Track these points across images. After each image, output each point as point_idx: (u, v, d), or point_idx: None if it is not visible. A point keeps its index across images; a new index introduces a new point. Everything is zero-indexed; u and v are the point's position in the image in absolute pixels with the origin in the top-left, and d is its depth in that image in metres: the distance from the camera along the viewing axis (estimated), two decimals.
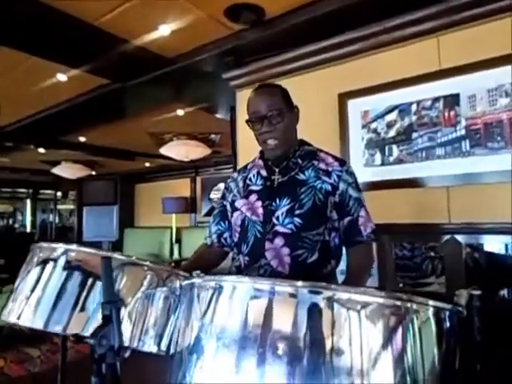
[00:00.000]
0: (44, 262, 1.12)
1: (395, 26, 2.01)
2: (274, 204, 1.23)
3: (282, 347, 0.65)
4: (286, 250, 1.20)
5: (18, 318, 1.03)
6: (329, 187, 1.23)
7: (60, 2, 1.97)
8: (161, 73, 2.79)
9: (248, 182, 1.34)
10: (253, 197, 1.30)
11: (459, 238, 1.87)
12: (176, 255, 6.57)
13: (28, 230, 9.67)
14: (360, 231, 1.25)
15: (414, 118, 2.01)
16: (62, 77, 2.89)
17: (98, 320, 1.00)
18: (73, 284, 1.04)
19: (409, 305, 0.68)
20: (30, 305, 1.03)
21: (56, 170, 6.46)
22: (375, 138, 2.13)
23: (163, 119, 4.01)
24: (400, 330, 0.67)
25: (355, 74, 2.18)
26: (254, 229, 1.26)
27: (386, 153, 2.09)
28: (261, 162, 1.35)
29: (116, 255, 1.11)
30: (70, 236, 8.46)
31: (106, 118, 3.98)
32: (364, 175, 2.14)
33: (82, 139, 4.97)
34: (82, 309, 0.99)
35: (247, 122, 1.28)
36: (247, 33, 2.31)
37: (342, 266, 1.30)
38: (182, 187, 6.98)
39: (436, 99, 1.94)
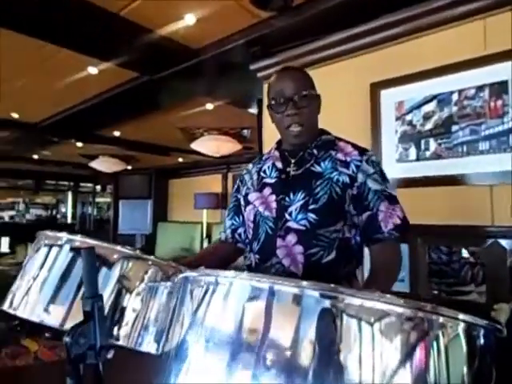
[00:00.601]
0: (50, 247, 1.09)
1: (436, 8, 1.83)
2: (287, 199, 1.14)
3: (275, 358, 0.56)
4: (299, 248, 1.09)
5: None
6: (346, 179, 1.12)
7: None
8: (188, 65, 2.75)
9: (262, 174, 1.25)
10: (266, 190, 1.20)
11: (503, 242, 1.67)
12: None
13: (69, 221, 10.11)
14: (380, 227, 1.11)
15: (454, 108, 1.82)
16: (92, 70, 2.92)
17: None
18: (77, 267, 1.00)
19: (434, 317, 0.56)
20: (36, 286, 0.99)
21: (94, 164, 6.67)
22: (410, 131, 1.96)
23: (193, 114, 3.99)
24: (422, 349, 0.56)
25: (389, 62, 2.02)
26: (265, 225, 1.16)
27: (422, 147, 1.92)
28: (277, 153, 1.25)
29: (119, 247, 1.06)
30: (106, 228, 8.74)
31: (138, 113, 4.02)
32: (397, 171, 1.98)
33: (117, 133, 5.08)
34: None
35: (268, 107, 1.19)
36: (275, 20, 2.21)
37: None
38: (213, 183, 7.00)
39: (480, 87, 1.74)
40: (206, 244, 6.65)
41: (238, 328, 0.60)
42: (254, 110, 3.72)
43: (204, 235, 6.71)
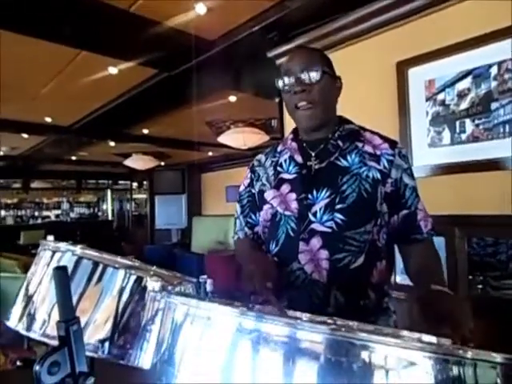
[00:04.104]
0: (53, 252, 1.06)
1: None
2: (310, 197, 1.01)
3: None
4: (324, 253, 0.98)
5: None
6: (377, 175, 1.00)
7: None
8: (205, 57, 2.67)
9: (279, 168, 1.12)
10: (285, 187, 1.07)
11: None
12: None
13: (109, 217, 10.51)
14: (419, 227, 1.02)
15: (493, 83, 1.61)
16: (112, 70, 2.92)
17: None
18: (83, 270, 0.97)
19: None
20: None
21: (128, 162, 6.84)
22: (443, 112, 1.76)
23: (217, 107, 3.94)
24: None
25: (416, 38, 1.82)
26: (286, 225, 1.04)
27: (457, 129, 1.72)
28: (294, 145, 1.11)
29: (118, 259, 1.02)
30: (145, 223, 8.98)
31: (163, 109, 4.03)
32: (429, 157, 1.81)
33: (145, 131, 5.14)
34: None
35: (280, 90, 1.07)
36: (290, 2, 2.07)
37: None
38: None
39: None
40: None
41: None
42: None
43: None
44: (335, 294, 0.97)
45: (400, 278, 1.90)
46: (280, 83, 1.05)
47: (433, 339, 0.49)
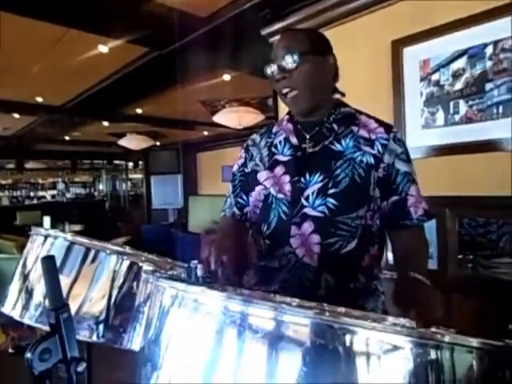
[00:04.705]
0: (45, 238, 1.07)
1: None
2: (303, 180, 1.01)
3: None
4: (315, 238, 0.98)
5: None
6: (371, 159, 0.99)
7: None
8: (198, 34, 2.61)
9: (273, 149, 1.10)
10: (279, 169, 1.06)
11: None
12: None
13: (106, 198, 10.49)
14: (409, 213, 1.00)
15: (488, 63, 1.59)
16: (103, 48, 2.85)
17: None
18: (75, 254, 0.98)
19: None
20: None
21: (122, 142, 6.77)
22: (437, 93, 1.75)
23: (211, 86, 3.87)
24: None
25: (412, 15, 1.78)
26: (278, 208, 1.04)
27: (451, 110, 1.71)
28: (290, 126, 1.10)
29: (109, 245, 1.03)
30: (141, 203, 8.98)
31: (156, 88, 3.96)
32: (423, 139, 1.80)
33: (139, 111, 5.07)
34: None
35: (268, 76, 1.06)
36: None
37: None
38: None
39: None
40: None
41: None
42: None
43: None
44: (326, 277, 0.98)
45: (392, 258, 1.93)
46: (267, 71, 1.04)
47: (413, 324, 0.51)
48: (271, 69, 1.02)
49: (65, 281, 0.96)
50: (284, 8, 2.20)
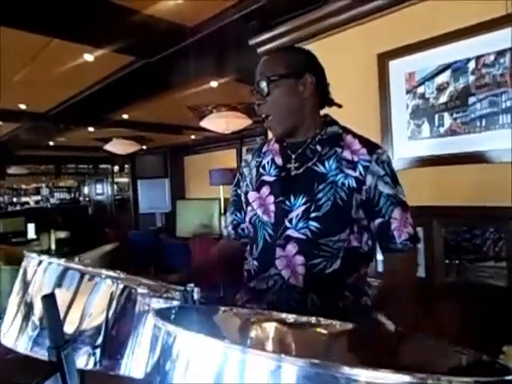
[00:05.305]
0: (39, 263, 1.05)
1: None
2: (288, 202, 1.02)
3: None
4: (299, 259, 1.00)
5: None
6: (353, 182, 0.99)
7: None
8: (186, 44, 2.61)
9: (261, 170, 1.13)
10: (265, 189, 1.08)
11: None
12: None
13: (91, 203, 10.35)
14: (393, 237, 1.00)
15: (471, 78, 1.64)
16: (88, 57, 2.83)
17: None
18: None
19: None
20: None
21: (108, 147, 6.67)
22: (423, 105, 1.79)
23: (199, 92, 3.87)
24: None
25: (397, 29, 1.82)
26: (263, 231, 1.06)
27: (436, 122, 1.76)
28: (276, 146, 1.12)
29: (104, 271, 1.02)
30: (128, 207, 8.88)
31: (143, 95, 3.93)
32: (409, 150, 1.85)
33: (125, 116, 5.02)
34: None
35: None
36: None
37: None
38: (228, 158, 6.92)
39: (501, 53, 1.54)
40: (223, 220, 6.68)
41: None
42: None
43: (222, 211, 6.72)
44: (312, 297, 1.00)
45: (381, 267, 1.97)
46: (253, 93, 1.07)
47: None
48: (254, 93, 1.05)
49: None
50: (272, 19, 2.21)
